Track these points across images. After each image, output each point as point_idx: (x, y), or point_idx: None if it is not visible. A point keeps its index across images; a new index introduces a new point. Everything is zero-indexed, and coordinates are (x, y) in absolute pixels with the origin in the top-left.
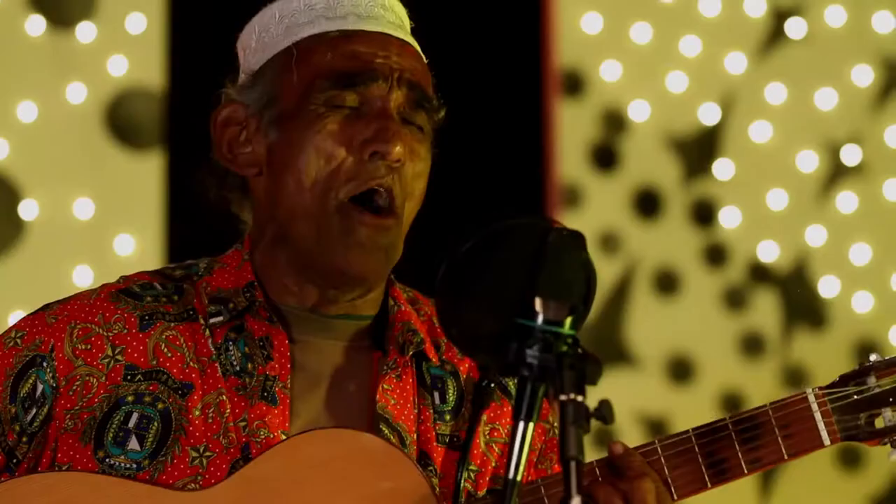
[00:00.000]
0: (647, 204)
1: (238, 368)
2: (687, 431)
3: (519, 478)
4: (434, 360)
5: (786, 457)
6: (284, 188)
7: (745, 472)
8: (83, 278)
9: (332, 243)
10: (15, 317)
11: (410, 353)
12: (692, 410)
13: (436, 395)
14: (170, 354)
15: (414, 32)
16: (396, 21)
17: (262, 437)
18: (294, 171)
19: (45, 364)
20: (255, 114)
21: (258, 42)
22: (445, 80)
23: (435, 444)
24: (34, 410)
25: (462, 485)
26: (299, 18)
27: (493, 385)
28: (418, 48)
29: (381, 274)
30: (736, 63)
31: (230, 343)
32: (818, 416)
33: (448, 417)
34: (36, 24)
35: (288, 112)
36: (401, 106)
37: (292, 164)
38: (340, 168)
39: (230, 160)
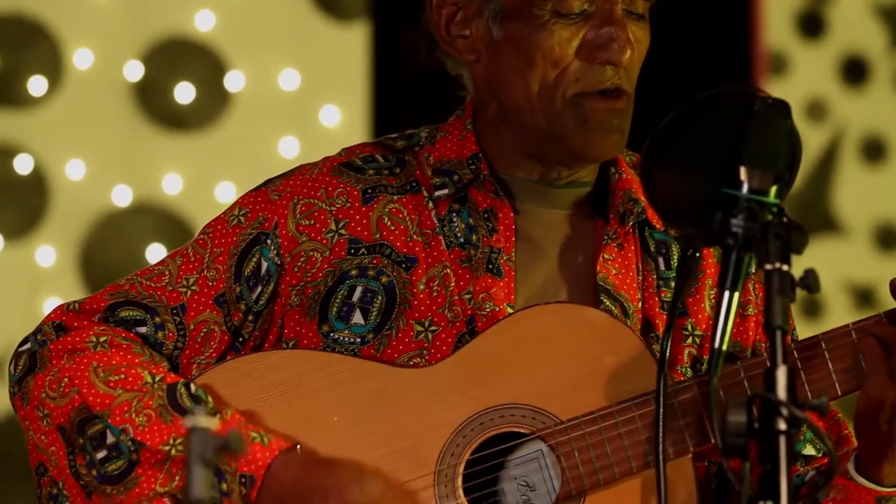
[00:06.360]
0: (854, 71)
1: (462, 240)
2: (879, 316)
3: (725, 347)
4: (658, 225)
5: None
6: (509, 86)
7: None
8: (289, 150)
9: (568, 132)
10: (222, 188)
11: (631, 223)
12: None
13: (660, 260)
14: (393, 228)
15: None
16: None
17: (488, 309)
18: (521, 72)
19: (269, 241)
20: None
21: None
22: None
23: (658, 310)
24: (259, 288)
25: (668, 352)
26: None
27: (697, 255)
28: None
29: (618, 152)
30: None
31: (454, 215)
32: None
33: (673, 284)
34: None
35: (512, 10)
36: (626, 2)
37: (518, 66)
38: (568, 69)
39: (448, 42)
